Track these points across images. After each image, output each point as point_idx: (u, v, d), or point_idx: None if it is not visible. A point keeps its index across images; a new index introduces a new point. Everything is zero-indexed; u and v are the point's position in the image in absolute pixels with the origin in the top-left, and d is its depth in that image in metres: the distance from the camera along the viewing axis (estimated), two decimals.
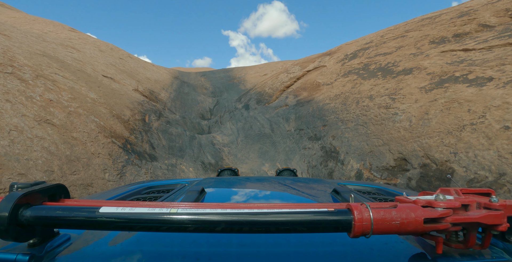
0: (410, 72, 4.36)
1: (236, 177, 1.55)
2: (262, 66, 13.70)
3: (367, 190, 1.21)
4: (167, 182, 1.31)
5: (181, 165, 5.01)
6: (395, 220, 0.45)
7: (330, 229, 0.46)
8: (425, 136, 3.01)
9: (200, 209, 0.47)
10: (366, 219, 0.44)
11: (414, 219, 0.45)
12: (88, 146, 3.64)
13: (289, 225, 0.45)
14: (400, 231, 0.46)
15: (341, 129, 4.63)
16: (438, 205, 0.48)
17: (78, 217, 0.47)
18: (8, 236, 0.46)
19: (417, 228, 0.46)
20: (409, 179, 2.92)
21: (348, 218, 0.45)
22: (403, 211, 0.46)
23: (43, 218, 0.47)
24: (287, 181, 1.30)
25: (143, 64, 11.31)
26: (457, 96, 3.10)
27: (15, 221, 0.46)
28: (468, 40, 4.57)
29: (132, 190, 1.12)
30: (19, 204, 0.47)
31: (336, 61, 7.09)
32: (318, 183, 1.27)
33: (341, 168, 4.10)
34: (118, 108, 5.03)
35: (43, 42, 6.62)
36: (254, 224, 0.44)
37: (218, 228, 0.45)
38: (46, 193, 0.55)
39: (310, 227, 0.46)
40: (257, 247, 0.59)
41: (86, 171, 3.33)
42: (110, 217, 0.46)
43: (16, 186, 0.55)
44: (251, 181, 1.32)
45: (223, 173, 2.20)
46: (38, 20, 11.99)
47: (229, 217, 0.45)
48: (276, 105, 7.23)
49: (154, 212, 0.46)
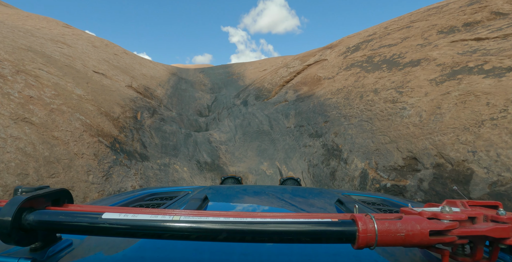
0: (418, 63, 4.05)
1: (240, 186, 1.52)
2: (261, 62, 13.38)
3: (372, 201, 1.19)
4: (170, 189, 1.31)
5: (175, 165, 4.74)
6: (400, 232, 0.44)
7: (333, 240, 0.45)
8: (438, 133, 2.71)
9: (203, 217, 0.47)
10: (371, 230, 0.43)
11: (419, 231, 0.44)
12: (71, 146, 3.37)
13: (292, 235, 0.44)
14: (405, 243, 0.45)
15: (344, 125, 4.33)
16: (444, 217, 0.47)
17: (81, 223, 0.47)
18: (11, 240, 0.46)
19: (423, 240, 0.45)
20: (421, 181, 2.63)
21: (352, 229, 0.44)
22: (409, 223, 0.45)
23: (46, 223, 0.47)
24: (291, 190, 1.28)
25: (139, 60, 11.02)
26: (473, 88, 2.80)
27: (18, 225, 0.46)
28: (480, 29, 4.25)
29: (135, 197, 1.13)
30: (22, 208, 0.47)
31: (338, 54, 6.77)
32: (322, 193, 1.25)
33: (344, 167, 3.82)
34: (107, 105, 4.75)
35: (31, 37, 6.33)
36: (257, 234, 0.44)
37: (220, 236, 0.44)
38: (50, 197, 0.55)
39: (313, 238, 0.45)
40: (260, 256, 0.58)
41: (67, 173, 3.06)
42: (113, 223, 0.46)
43: (20, 190, 0.55)
44: (255, 190, 1.32)
45: (227, 181, 2.15)
46: (31, 16, 11.70)
47: (232, 226, 0.44)
48: (275, 100, 6.93)
49: (157, 219, 0.46)
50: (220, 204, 1.03)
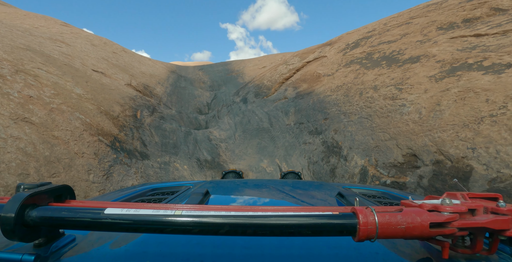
0: (417, 60, 4.04)
1: (241, 180, 1.52)
2: (261, 59, 13.33)
3: (372, 193, 1.19)
4: (172, 184, 1.31)
5: (175, 163, 4.75)
6: (400, 224, 0.44)
7: (334, 232, 0.45)
8: (437, 130, 2.72)
9: (205, 212, 0.47)
10: (371, 223, 0.44)
11: (419, 224, 0.45)
12: (71, 146, 3.38)
13: (293, 228, 0.45)
14: (405, 235, 0.45)
15: (343, 122, 4.34)
16: (444, 209, 0.47)
17: (84, 218, 0.47)
18: (14, 236, 0.46)
19: (423, 232, 0.45)
20: (420, 177, 2.65)
21: (353, 222, 0.44)
22: (409, 215, 0.45)
23: (49, 219, 0.48)
24: (292, 184, 1.28)
25: (138, 58, 10.98)
26: (473, 85, 2.80)
27: (21, 221, 0.47)
28: (480, 25, 4.24)
29: (137, 192, 1.13)
30: (25, 204, 0.48)
31: (337, 51, 6.75)
32: (323, 186, 1.25)
33: (344, 164, 3.83)
34: (107, 103, 4.75)
35: (30, 36, 6.31)
36: (258, 227, 0.44)
37: (222, 230, 0.44)
38: (52, 194, 0.55)
39: (314, 231, 0.45)
40: (262, 249, 0.58)
41: (68, 172, 3.07)
42: (115, 218, 0.46)
43: (22, 186, 0.55)
44: (256, 184, 1.32)
45: (228, 176, 2.15)
46: (29, 15, 11.64)
47: (233, 219, 0.44)
48: (274, 98, 6.92)
49: (159, 214, 0.46)
50: (222, 198, 1.03)
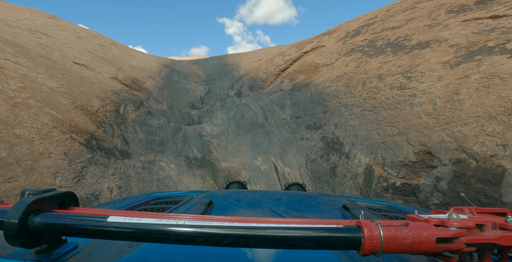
0: (427, 45, 3.62)
1: (244, 191, 1.50)
2: (257, 52, 12.87)
3: (378, 207, 1.16)
4: (175, 193, 1.31)
5: (161, 162, 4.34)
6: (406, 239, 0.42)
7: (339, 246, 0.43)
8: (456, 123, 2.31)
9: (207, 222, 0.46)
10: (376, 237, 0.42)
11: (426, 238, 0.42)
12: (36, 145, 2.96)
13: (297, 240, 0.43)
14: (411, 250, 0.42)
15: (344, 115, 3.92)
16: (451, 224, 0.45)
17: (86, 226, 0.46)
18: (17, 242, 0.45)
19: (429, 247, 0.42)
20: (437, 179, 2.24)
21: (357, 236, 0.42)
22: (415, 229, 0.43)
23: (52, 226, 0.47)
24: (296, 195, 1.28)
25: (129, 52, 10.50)
26: (497, 70, 2.39)
27: (25, 227, 0.46)
28: (496, 6, 3.81)
29: (140, 201, 1.12)
30: (29, 210, 0.47)
31: (337, 39, 6.30)
32: (327, 199, 1.23)
33: (346, 162, 3.43)
34: (84, 98, 4.31)
35: (5, 26, 5.84)
36: (261, 239, 0.43)
37: (225, 241, 0.43)
38: (56, 200, 0.54)
39: (318, 244, 0.43)
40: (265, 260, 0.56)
41: (28, 176, 2.66)
42: (118, 227, 0.45)
43: (27, 192, 0.54)
44: (259, 195, 1.30)
45: (231, 186, 2.15)
46: (14, 7, 11.10)
47: (236, 231, 0.43)
48: (270, 90, 6.49)
49: (162, 223, 0.45)
50: (225, 209, 1.02)
